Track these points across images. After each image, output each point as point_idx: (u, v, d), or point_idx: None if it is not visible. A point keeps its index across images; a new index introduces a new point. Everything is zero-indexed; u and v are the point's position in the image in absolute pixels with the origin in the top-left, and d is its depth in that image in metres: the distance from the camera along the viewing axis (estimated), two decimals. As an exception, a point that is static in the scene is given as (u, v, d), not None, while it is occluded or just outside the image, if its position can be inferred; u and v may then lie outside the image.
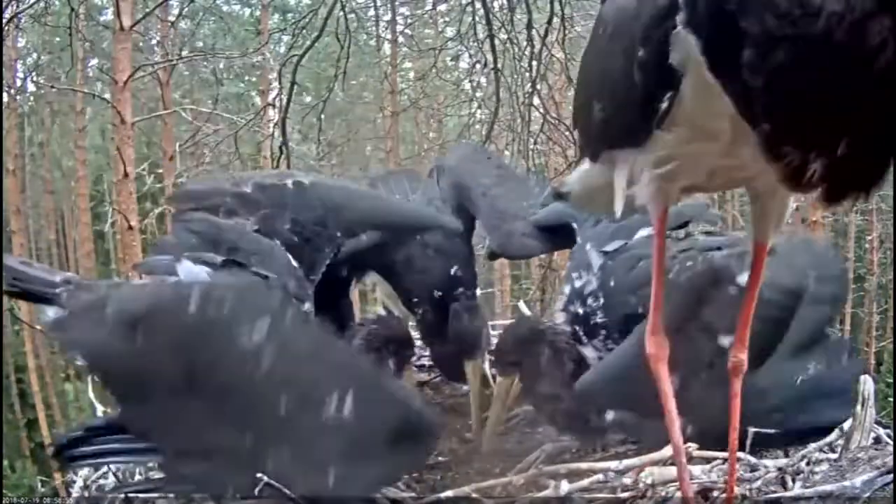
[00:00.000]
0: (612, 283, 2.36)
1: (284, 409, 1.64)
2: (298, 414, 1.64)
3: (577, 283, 2.42)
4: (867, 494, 1.57)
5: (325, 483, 1.60)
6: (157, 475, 2.22)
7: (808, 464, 1.96)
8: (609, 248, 2.44)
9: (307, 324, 1.90)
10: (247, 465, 1.62)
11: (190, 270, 2.07)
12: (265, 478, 1.82)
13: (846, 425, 2.05)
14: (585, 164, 1.86)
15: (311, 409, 1.64)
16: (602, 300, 2.35)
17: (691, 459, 1.95)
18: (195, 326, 1.71)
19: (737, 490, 1.84)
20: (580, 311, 2.37)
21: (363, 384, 1.75)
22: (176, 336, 1.70)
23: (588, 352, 2.33)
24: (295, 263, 2.23)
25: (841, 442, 2.06)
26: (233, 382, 1.68)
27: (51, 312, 1.84)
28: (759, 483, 1.90)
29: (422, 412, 1.83)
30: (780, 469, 1.93)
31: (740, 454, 2.02)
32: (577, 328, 2.37)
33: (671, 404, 1.63)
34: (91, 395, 2.88)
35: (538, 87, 5.98)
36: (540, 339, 2.30)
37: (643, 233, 2.47)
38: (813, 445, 2.10)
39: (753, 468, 1.96)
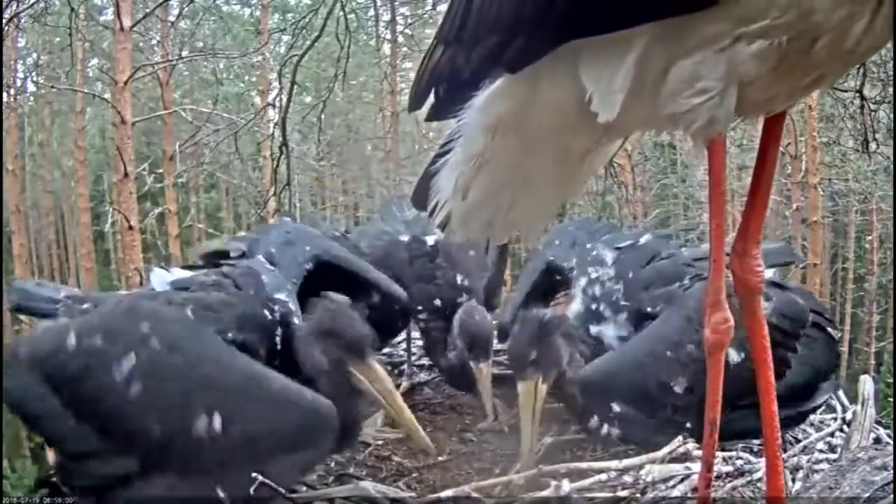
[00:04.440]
0: (630, 275, 2.40)
1: (166, 428, 1.72)
2: (181, 432, 1.72)
3: (594, 275, 2.45)
4: (867, 494, 1.57)
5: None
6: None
7: (808, 459, 1.96)
8: (621, 244, 2.52)
9: (189, 340, 1.84)
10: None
11: (161, 277, 2.18)
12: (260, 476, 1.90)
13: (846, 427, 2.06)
14: (485, 93, 1.34)
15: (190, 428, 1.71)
16: (622, 285, 2.39)
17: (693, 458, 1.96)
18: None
19: (736, 483, 1.86)
20: (600, 291, 2.41)
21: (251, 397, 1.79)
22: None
23: (609, 330, 2.33)
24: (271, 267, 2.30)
25: (841, 442, 2.07)
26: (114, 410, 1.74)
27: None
28: (759, 474, 1.90)
29: (315, 408, 1.85)
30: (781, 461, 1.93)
31: (742, 454, 2.03)
32: (599, 306, 2.38)
33: (717, 393, 1.48)
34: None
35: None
36: (551, 330, 2.23)
37: (648, 236, 2.59)
38: (812, 437, 2.10)
39: (749, 462, 1.96)
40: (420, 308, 2.74)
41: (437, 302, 2.71)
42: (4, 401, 1.80)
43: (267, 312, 2.04)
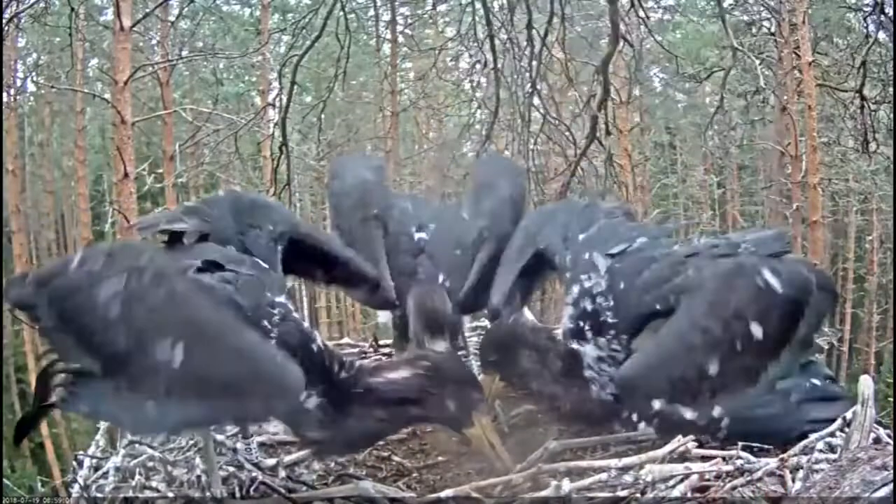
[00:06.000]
0: (621, 286, 2.32)
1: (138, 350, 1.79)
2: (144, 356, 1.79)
3: (587, 284, 2.37)
4: (867, 494, 1.57)
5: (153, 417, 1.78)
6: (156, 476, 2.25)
7: (808, 459, 1.96)
8: (613, 251, 2.41)
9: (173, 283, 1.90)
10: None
11: None
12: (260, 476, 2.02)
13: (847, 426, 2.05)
14: None
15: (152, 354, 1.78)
16: (612, 301, 2.32)
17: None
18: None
19: (736, 483, 1.86)
20: (589, 307, 2.34)
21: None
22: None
23: (588, 349, 2.30)
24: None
25: (841, 442, 2.06)
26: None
27: None
28: (759, 474, 1.90)
29: (278, 367, 1.86)
30: (780, 460, 1.93)
31: (742, 454, 2.03)
32: (583, 324, 2.32)
33: None
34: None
35: (538, 87, 5.99)
36: (519, 341, 2.34)
37: (643, 239, 2.47)
38: (812, 437, 2.10)
39: (749, 462, 1.96)
40: (397, 303, 2.68)
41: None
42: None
43: (266, 321, 2.05)
